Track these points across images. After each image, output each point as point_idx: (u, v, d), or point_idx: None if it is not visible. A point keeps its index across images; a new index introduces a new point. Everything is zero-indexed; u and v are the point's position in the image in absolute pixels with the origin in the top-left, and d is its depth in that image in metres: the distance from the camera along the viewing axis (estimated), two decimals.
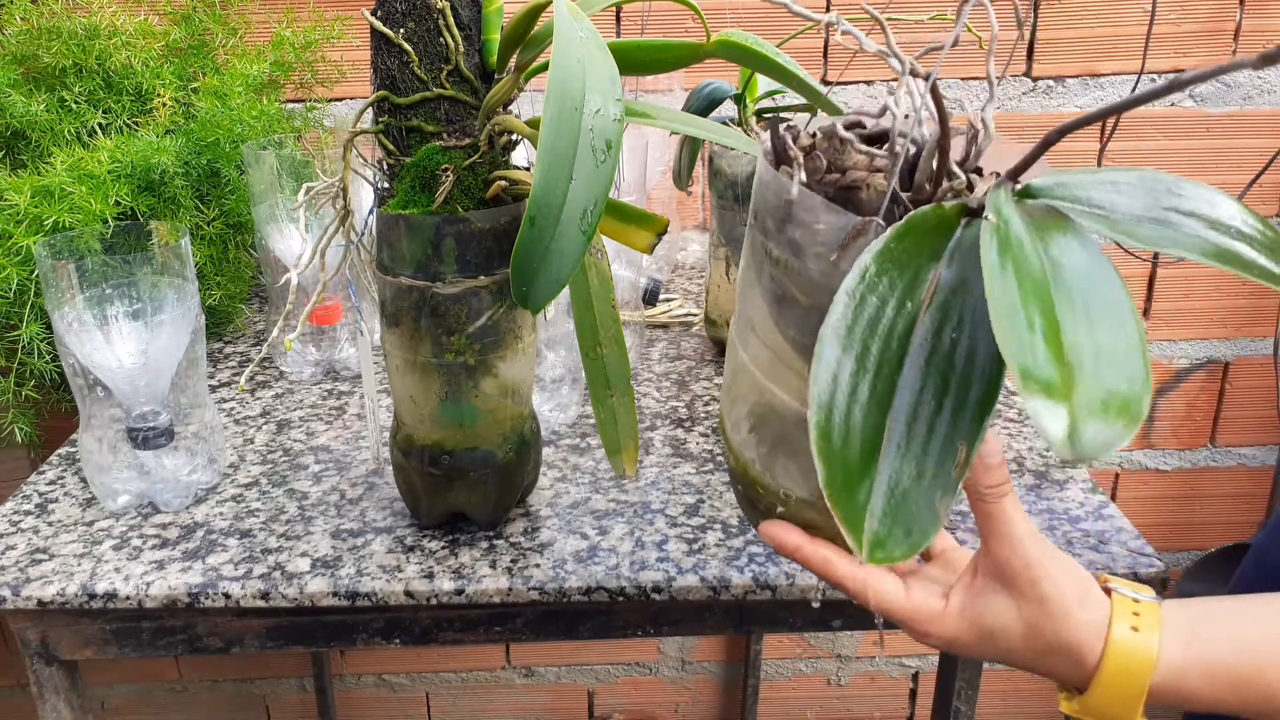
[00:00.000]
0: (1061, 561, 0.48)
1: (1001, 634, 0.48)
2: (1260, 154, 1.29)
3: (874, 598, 0.49)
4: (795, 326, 0.43)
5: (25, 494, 0.79)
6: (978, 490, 0.47)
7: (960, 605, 0.49)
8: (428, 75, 0.61)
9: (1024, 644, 0.47)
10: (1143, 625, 0.47)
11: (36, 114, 0.97)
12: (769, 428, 0.47)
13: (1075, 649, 0.47)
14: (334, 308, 0.97)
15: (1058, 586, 0.47)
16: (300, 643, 0.72)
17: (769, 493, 0.48)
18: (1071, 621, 0.46)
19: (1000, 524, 0.47)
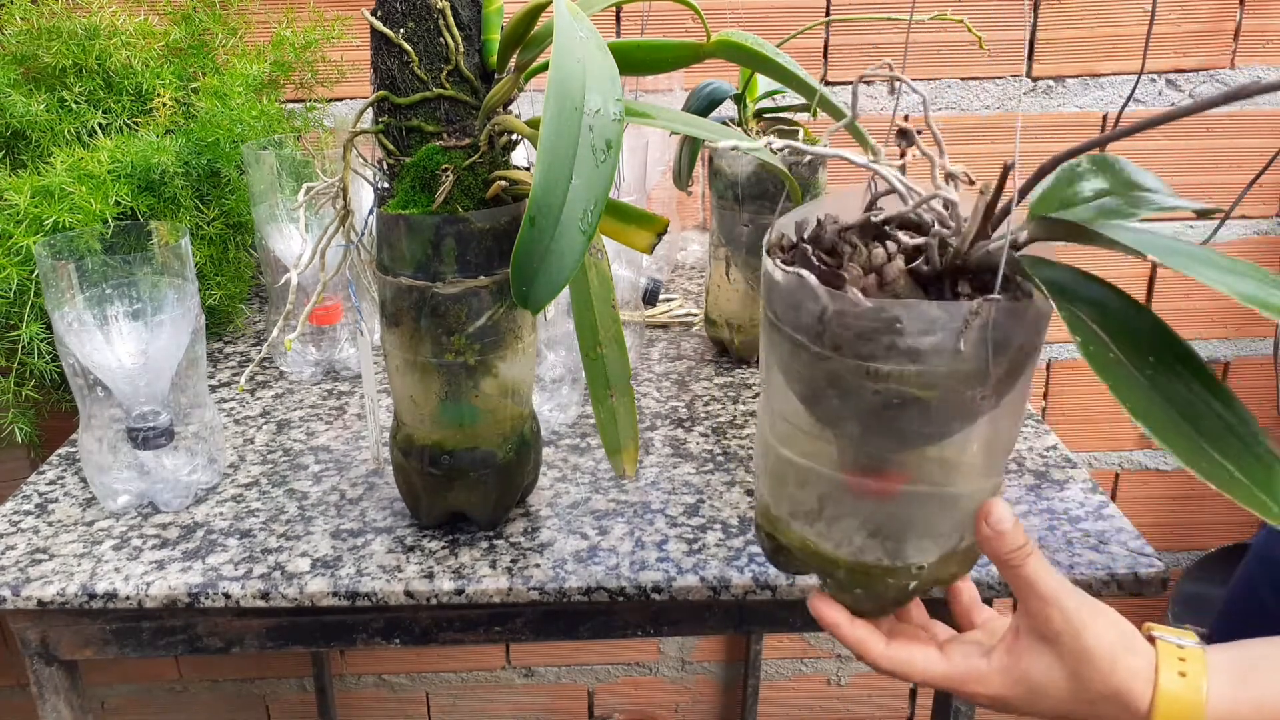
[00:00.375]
0: (1101, 611, 0.48)
1: (1049, 688, 0.48)
2: (1260, 154, 1.29)
3: (915, 673, 0.51)
4: (920, 421, 0.44)
5: (25, 494, 0.79)
6: (999, 557, 0.48)
7: (1003, 664, 0.50)
8: (428, 75, 0.61)
9: (1072, 697, 0.48)
10: (1190, 670, 0.47)
11: (36, 114, 0.97)
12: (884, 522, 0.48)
13: (1125, 696, 0.47)
14: (334, 308, 0.97)
15: (1099, 637, 0.47)
16: (300, 643, 0.72)
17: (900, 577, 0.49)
18: (1119, 670, 0.47)
19: (1033, 585, 0.48)
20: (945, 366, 0.42)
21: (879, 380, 0.43)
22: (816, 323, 0.43)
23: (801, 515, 0.49)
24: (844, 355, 0.43)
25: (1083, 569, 0.67)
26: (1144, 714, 0.47)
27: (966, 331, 0.41)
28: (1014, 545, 0.47)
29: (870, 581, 0.49)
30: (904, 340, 0.41)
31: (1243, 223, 1.33)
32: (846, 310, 0.42)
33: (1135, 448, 1.45)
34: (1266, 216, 1.33)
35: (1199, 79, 1.26)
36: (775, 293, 0.45)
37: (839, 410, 0.45)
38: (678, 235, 1.29)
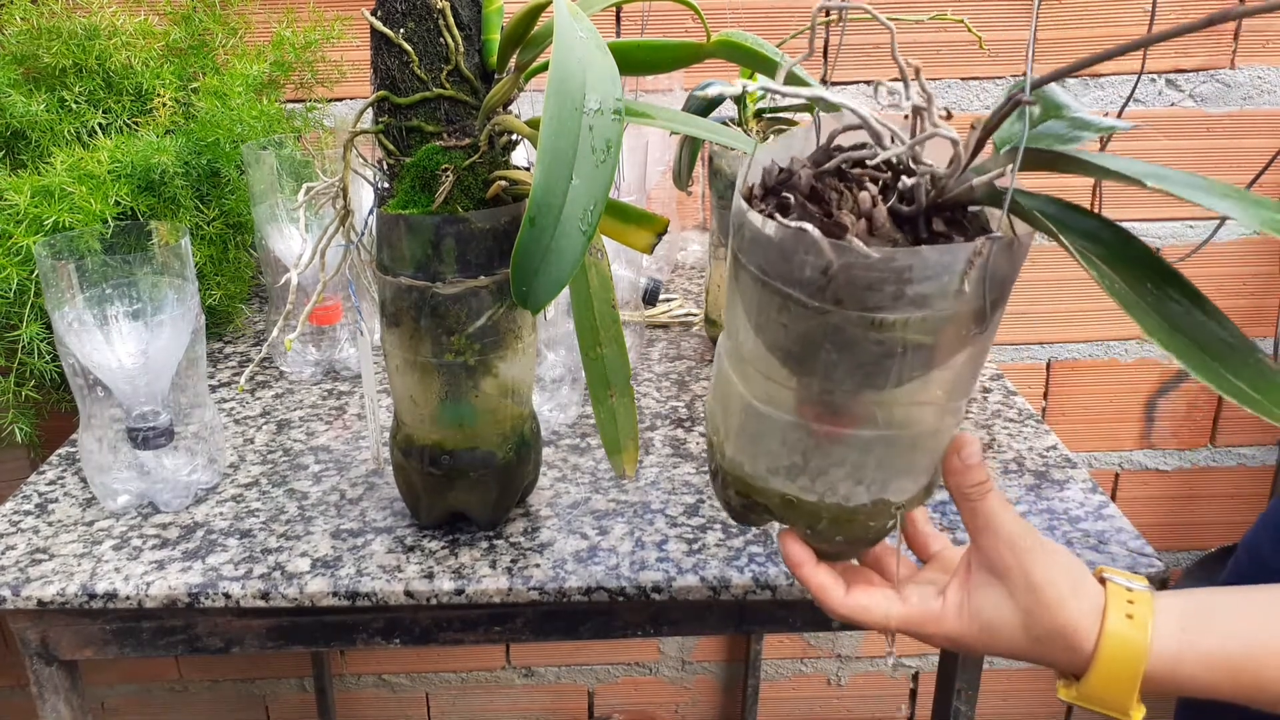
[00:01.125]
0: (1052, 550, 0.49)
1: (1000, 626, 0.49)
2: (1260, 154, 1.29)
3: (874, 619, 0.51)
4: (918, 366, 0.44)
5: (25, 494, 0.79)
6: (961, 490, 0.48)
7: (957, 602, 0.50)
8: (428, 75, 0.61)
9: (1023, 633, 0.48)
10: (1137, 613, 0.48)
11: (36, 114, 0.97)
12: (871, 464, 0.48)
13: (1070, 635, 0.47)
14: (334, 308, 0.97)
15: (1049, 574, 0.48)
16: (300, 643, 0.72)
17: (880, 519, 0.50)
18: (1066, 608, 0.47)
19: (987, 519, 0.48)
20: (949, 309, 0.42)
21: (883, 330, 0.42)
22: (819, 276, 0.41)
23: (782, 471, 0.49)
24: (846, 308, 0.42)
25: None
26: (1088, 653, 0.47)
27: (970, 272, 0.41)
28: (977, 479, 0.48)
29: (852, 527, 0.50)
30: (912, 288, 0.41)
31: None
32: (855, 263, 0.40)
33: (1135, 448, 1.45)
34: None
35: (1199, 79, 1.26)
36: (762, 246, 0.43)
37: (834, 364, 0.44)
38: (678, 235, 1.29)
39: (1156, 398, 1.43)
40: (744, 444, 0.50)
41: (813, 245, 0.41)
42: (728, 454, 0.51)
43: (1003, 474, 0.79)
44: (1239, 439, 1.45)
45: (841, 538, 0.50)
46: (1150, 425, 1.44)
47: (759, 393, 0.48)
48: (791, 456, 0.48)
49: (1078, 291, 1.35)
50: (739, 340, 0.48)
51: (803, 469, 0.48)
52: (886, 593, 0.52)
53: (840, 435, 0.47)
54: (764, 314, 0.45)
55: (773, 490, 0.50)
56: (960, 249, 0.40)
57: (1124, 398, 1.42)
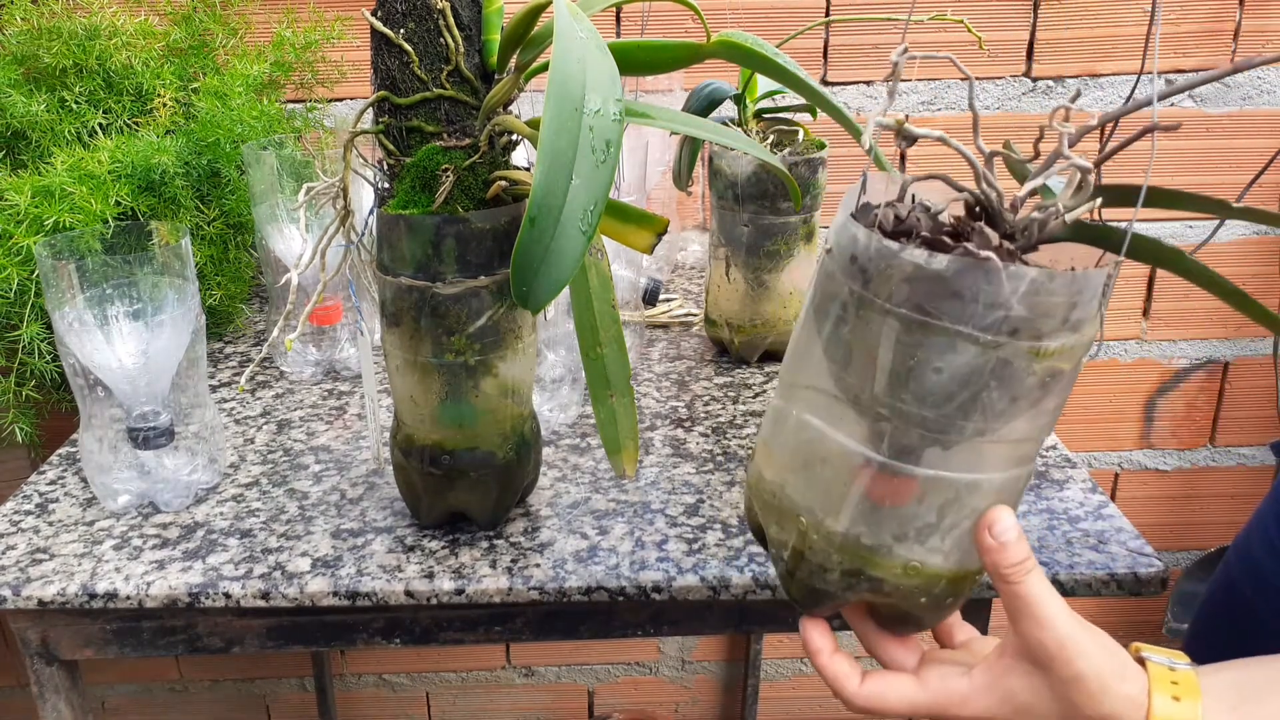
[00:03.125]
0: (1094, 636, 0.47)
1: (1037, 710, 0.47)
2: (1260, 154, 1.29)
3: (891, 705, 0.49)
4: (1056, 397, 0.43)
5: (26, 494, 0.79)
6: (999, 571, 0.45)
7: (987, 682, 0.48)
8: (428, 75, 0.61)
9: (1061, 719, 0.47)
10: (1183, 694, 0.46)
11: (37, 114, 0.97)
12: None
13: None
14: (334, 308, 0.97)
15: (1093, 663, 0.46)
16: (300, 642, 0.72)
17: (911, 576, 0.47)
18: (1109, 697, 0.46)
19: (1028, 604, 0.45)
20: (1090, 334, 0.42)
21: (1042, 359, 0.41)
22: (995, 308, 0.40)
23: (913, 534, 0.45)
24: (1019, 338, 0.40)
25: (1082, 569, 0.67)
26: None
27: (1104, 296, 0.41)
28: (1016, 559, 0.45)
29: (965, 585, 0.47)
30: (1075, 312, 0.40)
31: (1243, 223, 1.33)
32: (1039, 288, 0.39)
33: (1135, 448, 1.45)
34: None
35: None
36: (925, 283, 0.41)
37: (991, 401, 0.42)
38: (677, 235, 1.29)
39: (1156, 398, 1.43)
40: (864, 513, 0.46)
41: (993, 274, 0.39)
42: (837, 530, 0.47)
43: None
44: (1238, 439, 1.45)
45: (953, 598, 0.48)
46: (1150, 425, 1.44)
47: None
48: (928, 515, 0.45)
49: None
50: (858, 393, 0.45)
51: (936, 527, 0.45)
52: (904, 678, 0.49)
53: (979, 482, 0.44)
54: (913, 358, 0.42)
55: (897, 559, 0.46)
56: (1101, 274, 0.40)
57: (1123, 398, 1.42)
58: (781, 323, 0.97)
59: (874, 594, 0.48)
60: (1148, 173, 0.43)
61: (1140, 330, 1.39)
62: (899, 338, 0.42)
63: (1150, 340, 1.39)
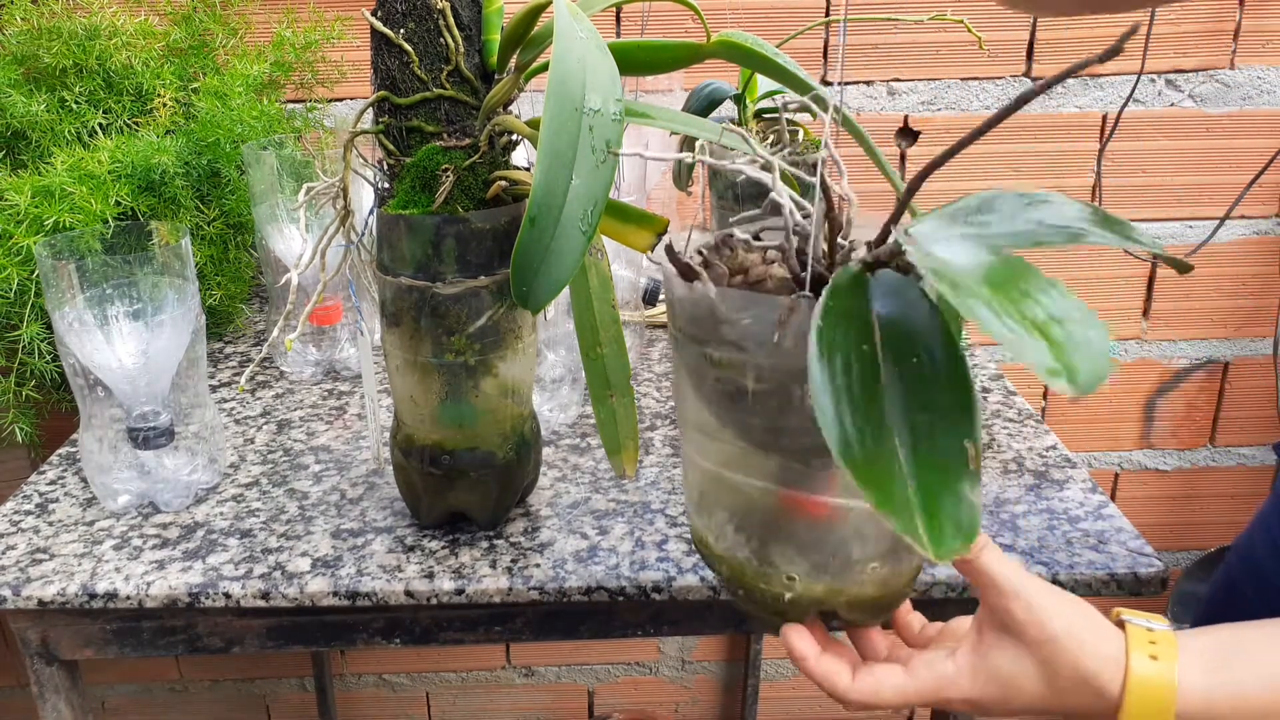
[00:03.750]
0: (1064, 598, 0.48)
1: (1020, 681, 0.47)
2: (1260, 154, 1.29)
3: (885, 698, 0.49)
4: (757, 413, 0.44)
5: (26, 494, 0.79)
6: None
7: (970, 664, 0.49)
8: (428, 75, 0.61)
9: (1045, 686, 0.47)
10: (1161, 654, 0.47)
11: (37, 114, 0.97)
12: (754, 520, 0.48)
13: (1094, 681, 0.46)
14: (334, 308, 0.97)
15: (1066, 622, 0.47)
16: (300, 643, 0.72)
17: (771, 585, 0.48)
18: (1087, 654, 0.46)
19: (988, 577, 0.47)
20: (769, 358, 0.43)
21: (719, 368, 0.44)
22: (680, 314, 0.46)
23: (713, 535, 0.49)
24: (686, 343, 0.46)
25: (1082, 569, 0.67)
26: (1115, 699, 0.46)
27: (785, 324, 0.42)
28: None
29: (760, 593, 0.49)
30: (727, 329, 0.43)
31: (1243, 223, 1.33)
32: (687, 297, 0.45)
33: (1135, 448, 1.45)
34: (1266, 216, 1.33)
35: (1199, 79, 1.26)
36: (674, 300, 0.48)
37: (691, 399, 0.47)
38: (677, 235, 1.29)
39: (1156, 397, 1.43)
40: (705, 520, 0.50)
41: (669, 283, 0.46)
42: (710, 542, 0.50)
43: (1002, 474, 0.79)
44: (1238, 439, 1.45)
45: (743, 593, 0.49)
46: (1150, 425, 1.44)
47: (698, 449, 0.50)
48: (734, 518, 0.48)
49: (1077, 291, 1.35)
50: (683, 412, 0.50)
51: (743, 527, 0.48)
52: (893, 669, 0.50)
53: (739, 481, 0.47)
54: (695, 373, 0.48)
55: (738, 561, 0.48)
56: (771, 301, 0.42)
57: (1123, 397, 1.42)
58: None
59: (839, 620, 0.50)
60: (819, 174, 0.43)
61: (1140, 330, 1.39)
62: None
63: (1150, 340, 1.39)
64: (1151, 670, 0.46)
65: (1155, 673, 0.46)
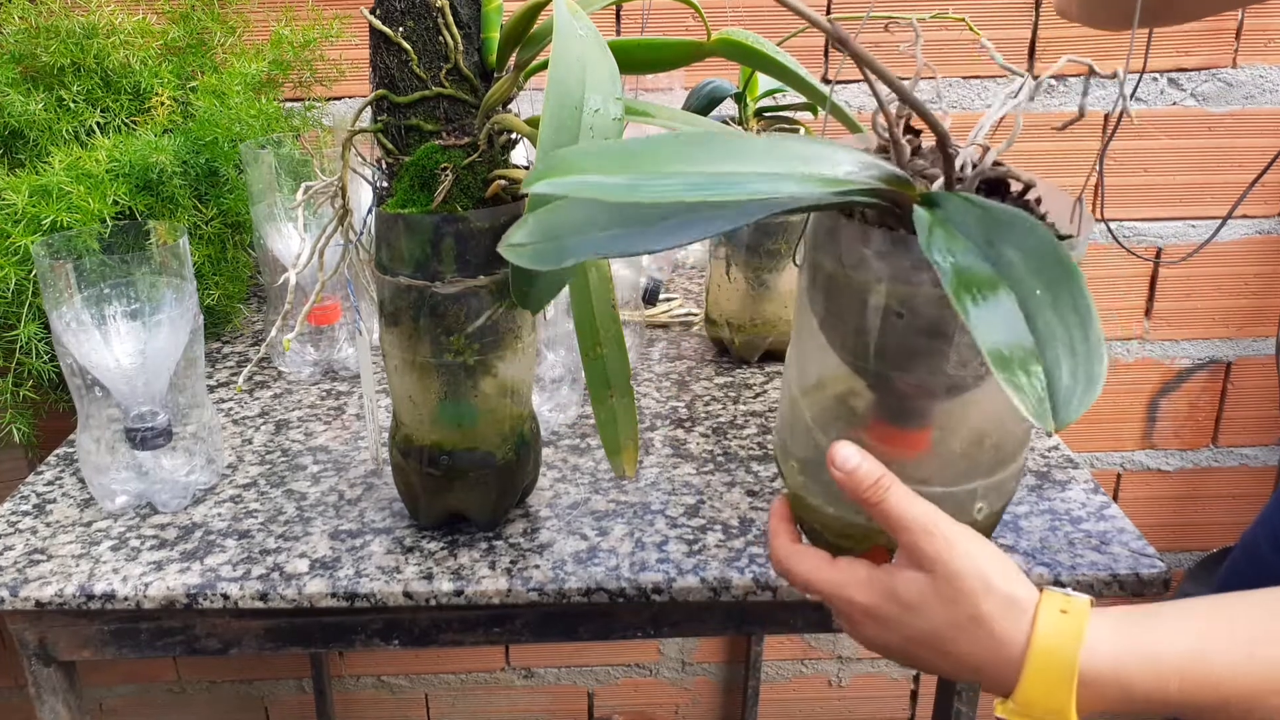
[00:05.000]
0: (980, 541, 0.47)
1: (920, 608, 0.47)
2: (1262, 153, 1.29)
3: (799, 571, 0.51)
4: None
5: (23, 494, 0.79)
6: (860, 497, 0.47)
7: (880, 578, 0.48)
8: (427, 74, 0.61)
9: (945, 619, 0.46)
10: (1072, 609, 0.45)
11: (34, 113, 0.96)
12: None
13: (996, 623, 0.45)
14: (332, 307, 0.97)
15: (973, 560, 0.46)
16: (299, 644, 0.72)
17: None
18: (993, 595, 0.45)
19: (896, 516, 0.47)
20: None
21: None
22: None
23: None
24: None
25: (1084, 569, 0.66)
26: (1016, 650, 0.45)
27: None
28: (869, 481, 0.46)
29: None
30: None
31: (1244, 222, 1.33)
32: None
33: (1137, 448, 1.45)
34: (1268, 216, 1.32)
35: (1201, 78, 1.26)
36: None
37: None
38: None
39: (1158, 398, 1.42)
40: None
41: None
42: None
43: None
44: (1241, 439, 1.45)
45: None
46: (1152, 425, 1.44)
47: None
48: None
49: None
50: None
51: None
52: (823, 554, 0.51)
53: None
54: None
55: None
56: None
57: (1126, 398, 1.42)
58: (782, 322, 0.96)
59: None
60: None
61: (1143, 330, 1.38)
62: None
63: (1152, 340, 1.39)
64: (1060, 623, 0.45)
65: (1063, 625, 0.45)
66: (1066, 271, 0.38)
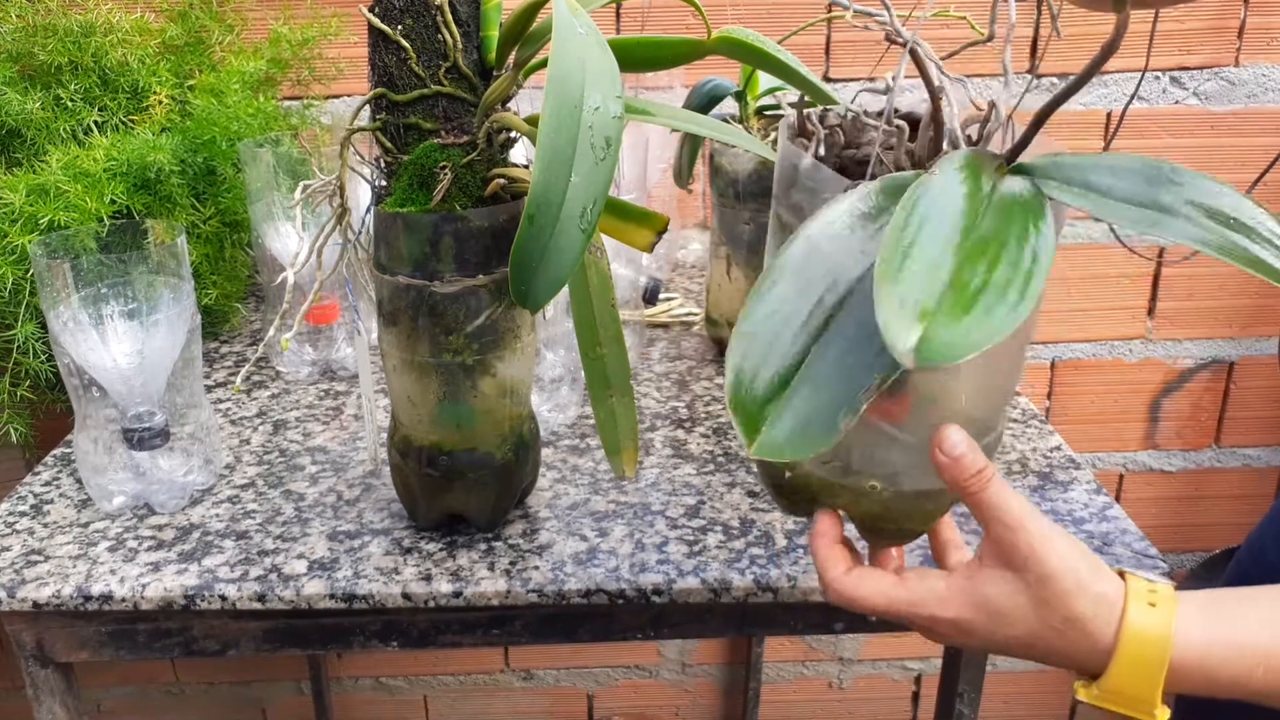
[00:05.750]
0: (1070, 539, 0.47)
1: (1012, 613, 0.46)
2: (1264, 152, 1.28)
3: (863, 596, 0.49)
4: None
5: (20, 495, 0.78)
6: (960, 485, 0.46)
7: (963, 587, 0.47)
8: (426, 72, 0.61)
9: (1037, 623, 0.46)
10: (1160, 601, 0.45)
11: (32, 112, 0.96)
12: None
13: (1088, 623, 0.45)
14: (331, 307, 0.97)
15: (1065, 560, 0.45)
16: (297, 645, 0.72)
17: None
18: (1084, 595, 0.45)
19: (993, 509, 0.46)
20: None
21: (782, 231, 0.46)
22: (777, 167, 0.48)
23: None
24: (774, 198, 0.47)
25: None
26: (1109, 643, 0.45)
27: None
28: (971, 470, 0.45)
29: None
30: (796, 194, 0.45)
31: None
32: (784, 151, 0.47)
33: (1139, 449, 1.45)
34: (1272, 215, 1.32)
35: (1203, 76, 1.26)
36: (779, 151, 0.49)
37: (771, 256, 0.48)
38: (678, 234, 1.29)
39: (1161, 398, 1.42)
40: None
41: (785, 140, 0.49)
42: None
43: (1006, 475, 0.78)
44: (1244, 439, 1.44)
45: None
46: (1155, 426, 1.43)
47: None
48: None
49: (1081, 291, 1.35)
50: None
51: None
52: (885, 574, 0.49)
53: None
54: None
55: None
56: (842, 181, 0.44)
57: (1128, 398, 1.42)
58: None
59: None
60: None
61: (1145, 330, 1.38)
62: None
63: (1155, 340, 1.38)
64: (1149, 615, 0.45)
65: (1153, 618, 0.45)
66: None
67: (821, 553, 0.50)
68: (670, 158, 1.10)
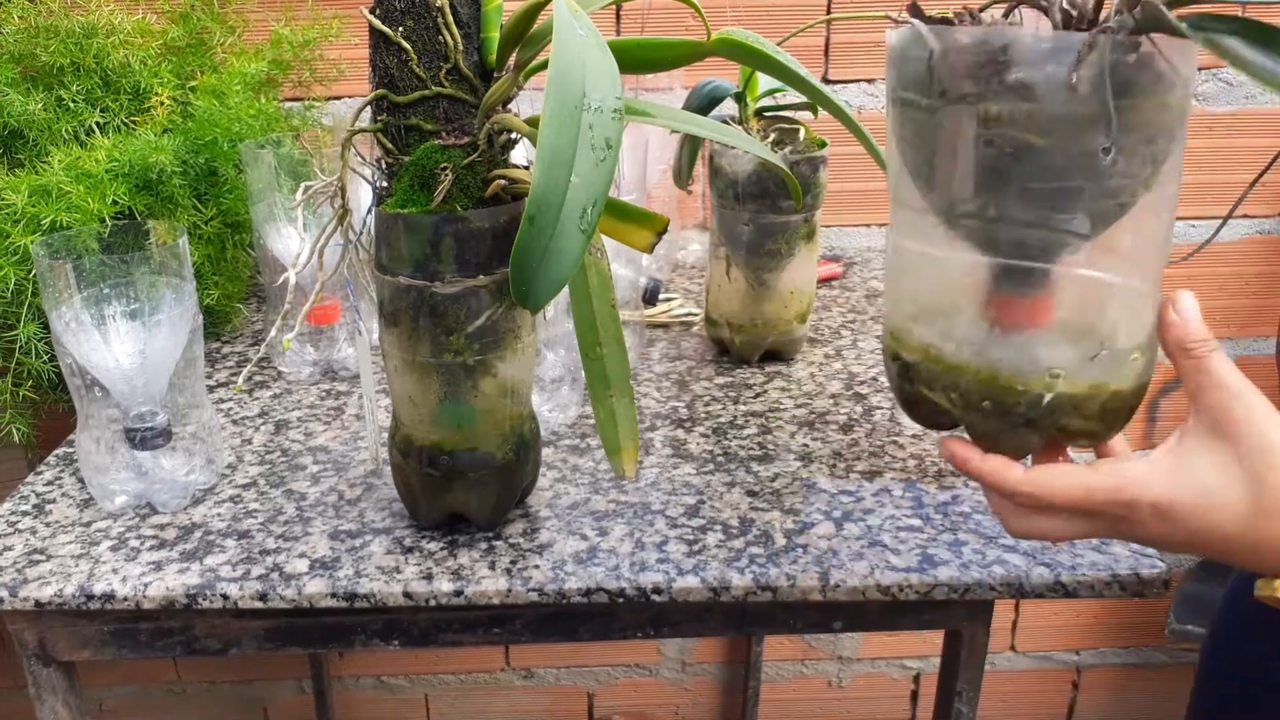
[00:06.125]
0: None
1: (1223, 491, 0.43)
2: (1262, 153, 1.29)
3: (1058, 489, 0.46)
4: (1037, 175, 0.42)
5: (22, 494, 0.79)
6: (1182, 345, 0.44)
7: (1169, 464, 0.44)
8: (426, 73, 0.61)
9: (1251, 502, 0.42)
10: None
11: (34, 113, 0.96)
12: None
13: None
14: (332, 307, 0.97)
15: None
16: (298, 644, 0.72)
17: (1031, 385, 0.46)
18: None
19: (1215, 376, 0.44)
20: (1060, 106, 0.40)
21: (993, 125, 0.40)
22: (924, 72, 0.42)
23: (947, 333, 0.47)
24: (948, 108, 0.41)
25: (1085, 570, 0.66)
26: None
27: (1080, 66, 0.39)
28: (1199, 336, 0.44)
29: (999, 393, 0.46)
30: (1016, 71, 0.40)
31: (1245, 222, 1.33)
32: (966, 45, 0.41)
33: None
34: (1269, 216, 1.32)
35: (1202, 77, 1.26)
36: (892, 61, 0.46)
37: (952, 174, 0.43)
38: (678, 234, 1.29)
39: (1159, 398, 1.42)
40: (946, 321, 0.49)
41: (918, 38, 0.42)
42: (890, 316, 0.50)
43: None
44: None
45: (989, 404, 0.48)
46: (1153, 426, 1.44)
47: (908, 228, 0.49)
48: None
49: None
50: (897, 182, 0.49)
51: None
52: (1072, 466, 0.46)
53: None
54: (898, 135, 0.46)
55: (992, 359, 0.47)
56: (1068, 37, 0.39)
57: None
58: (783, 323, 0.96)
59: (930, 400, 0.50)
60: None
61: None
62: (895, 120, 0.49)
63: None
64: None
65: None
66: None
67: (987, 467, 0.47)
68: (670, 159, 1.10)
